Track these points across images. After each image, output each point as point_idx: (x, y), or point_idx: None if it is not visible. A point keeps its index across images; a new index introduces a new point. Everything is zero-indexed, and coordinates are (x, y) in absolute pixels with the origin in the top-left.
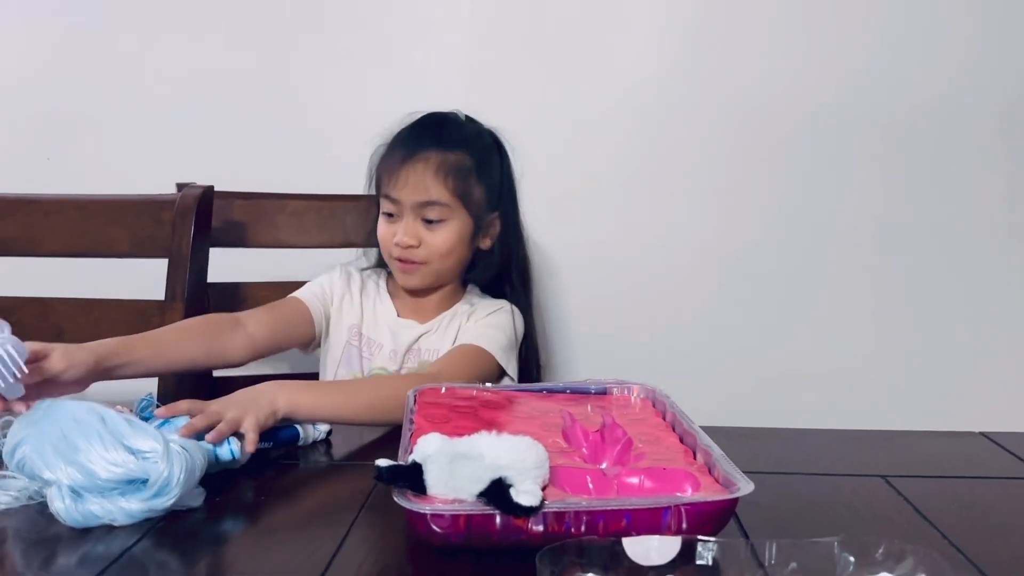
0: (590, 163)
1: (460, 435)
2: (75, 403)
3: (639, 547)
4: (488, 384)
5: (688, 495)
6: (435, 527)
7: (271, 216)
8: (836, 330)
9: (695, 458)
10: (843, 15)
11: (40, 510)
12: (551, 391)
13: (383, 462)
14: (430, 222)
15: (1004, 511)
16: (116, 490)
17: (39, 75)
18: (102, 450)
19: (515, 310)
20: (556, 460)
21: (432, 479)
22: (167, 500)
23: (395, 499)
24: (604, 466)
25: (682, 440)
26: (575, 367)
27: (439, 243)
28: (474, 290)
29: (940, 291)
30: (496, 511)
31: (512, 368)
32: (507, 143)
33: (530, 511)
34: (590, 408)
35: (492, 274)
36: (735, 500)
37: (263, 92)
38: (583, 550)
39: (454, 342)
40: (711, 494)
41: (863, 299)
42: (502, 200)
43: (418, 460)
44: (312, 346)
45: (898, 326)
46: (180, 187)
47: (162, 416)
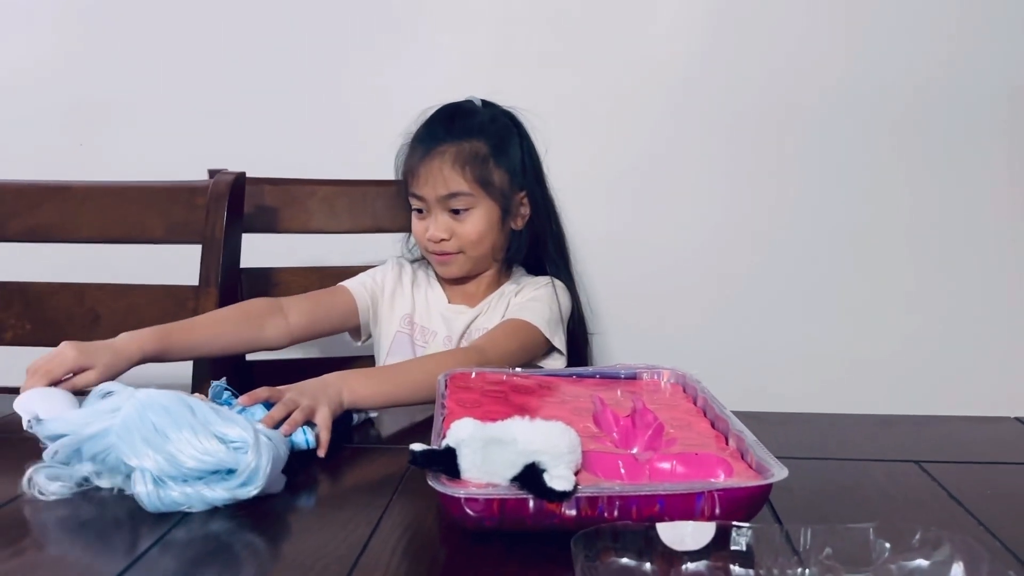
0: (615, 149)
1: (492, 419)
2: (161, 393)
3: (673, 532)
4: (518, 368)
5: (722, 480)
6: (469, 511)
7: (302, 201)
8: (869, 315)
9: (727, 443)
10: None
11: (117, 496)
12: (581, 376)
13: (417, 446)
14: (457, 212)
15: None
16: (201, 478)
17: (72, 64)
18: (192, 438)
19: (558, 283)
20: (587, 445)
21: (466, 463)
22: (253, 489)
23: (429, 483)
24: (635, 451)
25: (713, 425)
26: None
27: (469, 231)
28: (519, 270)
29: (974, 276)
30: (530, 496)
31: (559, 340)
32: (526, 121)
33: (563, 496)
34: (620, 393)
35: (525, 252)
36: (769, 486)
37: (293, 79)
38: (617, 535)
39: (503, 318)
40: (745, 480)
41: (896, 284)
42: (526, 179)
43: (452, 445)
44: (363, 337)
45: (932, 311)
46: (212, 173)
47: (244, 404)
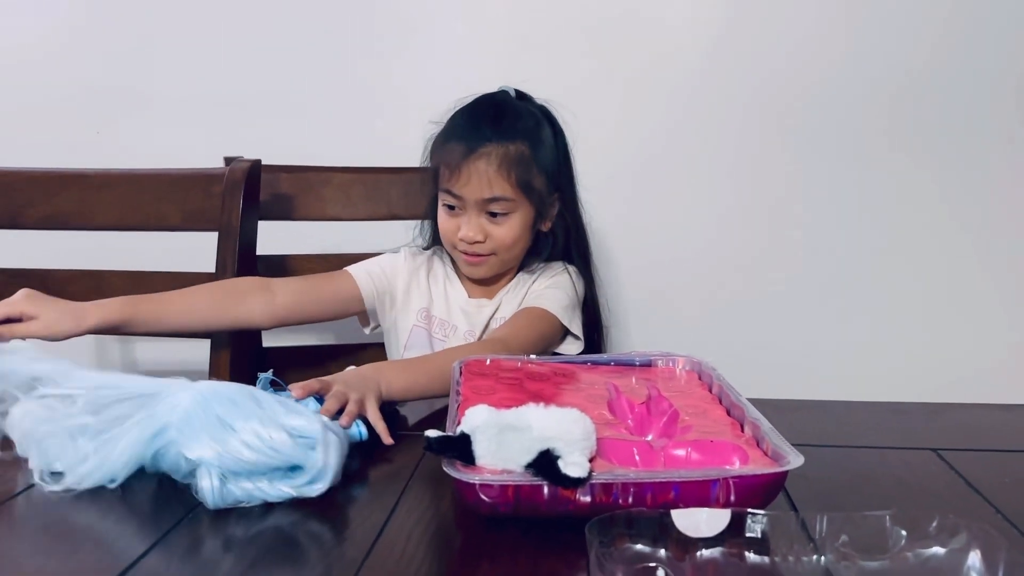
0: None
1: (506, 406)
2: (225, 384)
3: (688, 519)
4: (532, 356)
5: (737, 468)
6: (484, 497)
7: (317, 189)
8: (886, 303)
9: (743, 431)
10: None
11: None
12: (596, 363)
13: (432, 433)
14: (494, 215)
15: None
16: (265, 473)
17: (90, 52)
18: (261, 429)
19: (572, 269)
20: (602, 432)
21: (481, 450)
22: (322, 487)
23: (444, 469)
24: (650, 438)
25: (729, 413)
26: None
27: (504, 235)
28: (534, 258)
29: (990, 262)
30: (544, 482)
31: (576, 327)
32: (559, 116)
33: (578, 482)
34: (635, 380)
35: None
36: (785, 473)
37: (309, 67)
38: (632, 521)
39: (521, 307)
40: (760, 467)
41: (912, 272)
42: (560, 180)
43: (466, 431)
44: (372, 325)
45: (949, 297)
46: (228, 161)
47: (298, 396)
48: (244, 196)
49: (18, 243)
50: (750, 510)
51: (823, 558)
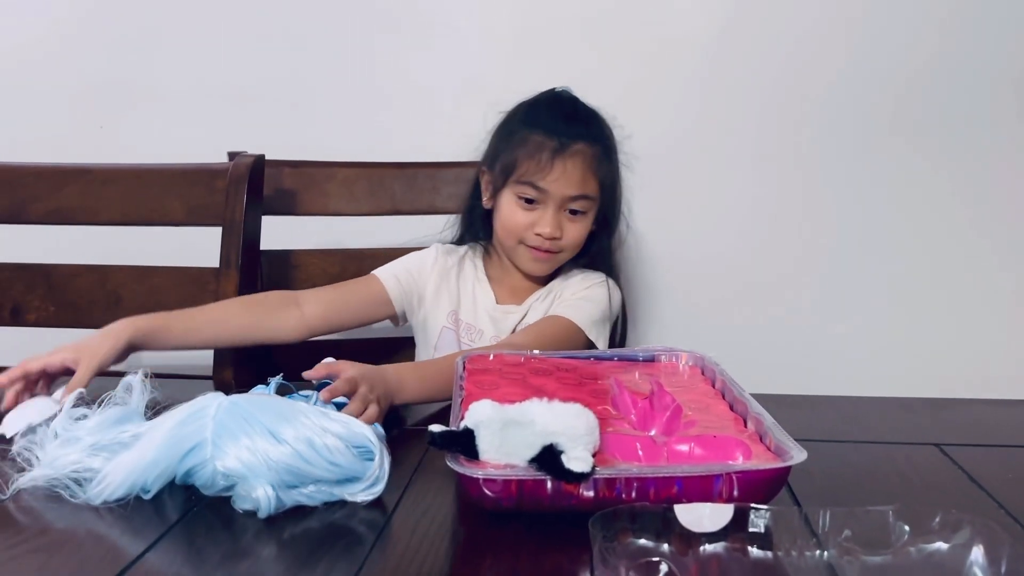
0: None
1: (510, 401)
2: (268, 399)
3: (691, 514)
4: (536, 351)
5: (740, 463)
6: (487, 491)
7: (321, 184)
8: (890, 298)
9: (746, 426)
10: None
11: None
12: (599, 358)
13: (436, 427)
14: (574, 213)
15: None
16: (315, 481)
17: (92, 46)
18: (316, 439)
19: (612, 284)
20: (605, 427)
21: (484, 444)
22: (376, 493)
23: (448, 463)
24: (653, 433)
25: (732, 408)
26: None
27: (577, 234)
28: (569, 264)
29: (995, 258)
30: (548, 477)
31: (602, 343)
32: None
33: (582, 477)
34: (638, 375)
35: (598, 256)
36: (788, 469)
37: (313, 62)
38: (635, 516)
39: (549, 313)
40: (763, 462)
41: (918, 267)
42: (615, 187)
43: (470, 426)
44: (402, 323)
45: (952, 293)
46: (232, 156)
47: (325, 400)
48: (248, 191)
49: (22, 238)
50: (753, 505)
51: (826, 553)
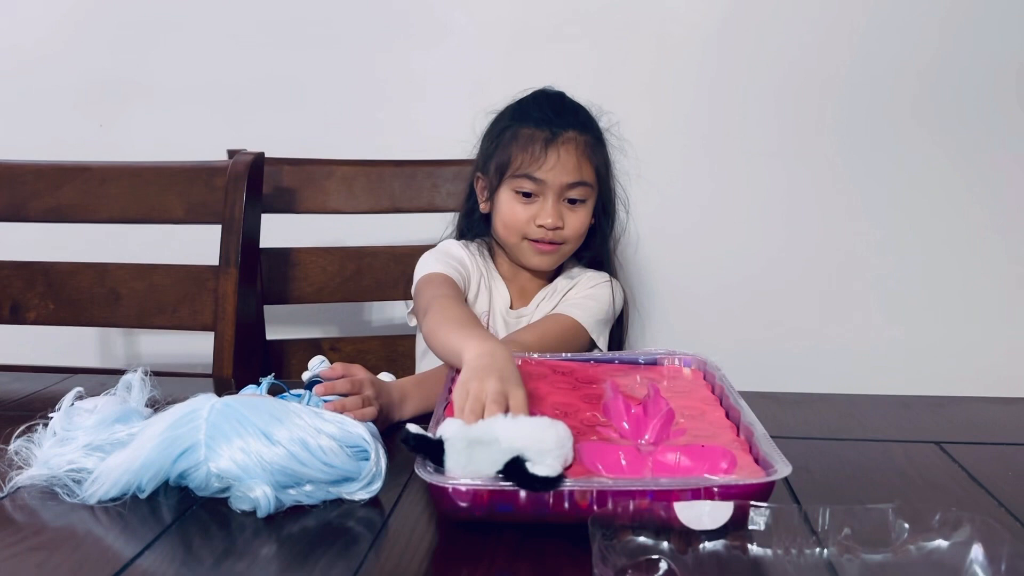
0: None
1: None
2: (260, 400)
3: (691, 511)
4: (535, 354)
5: (719, 478)
6: (458, 502)
7: (320, 182)
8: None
9: (739, 434)
10: None
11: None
12: (599, 361)
13: (413, 428)
14: (572, 203)
15: None
16: (311, 481)
17: (92, 44)
18: (310, 440)
19: (616, 283)
20: (589, 435)
21: (451, 463)
22: (373, 491)
23: (418, 472)
24: (643, 441)
25: (728, 415)
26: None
27: (578, 224)
28: (572, 262)
29: (994, 256)
30: (514, 487)
31: (603, 342)
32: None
33: (548, 483)
34: (639, 379)
35: (600, 249)
36: (770, 484)
37: (311, 60)
38: (635, 514)
39: (554, 311)
40: (743, 476)
41: (916, 266)
42: (609, 176)
43: (443, 437)
44: None
45: (952, 291)
46: (231, 154)
47: (320, 395)
48: (247, 189)
49: (22, 236)
50: (753, 502)
51: (826, 551)
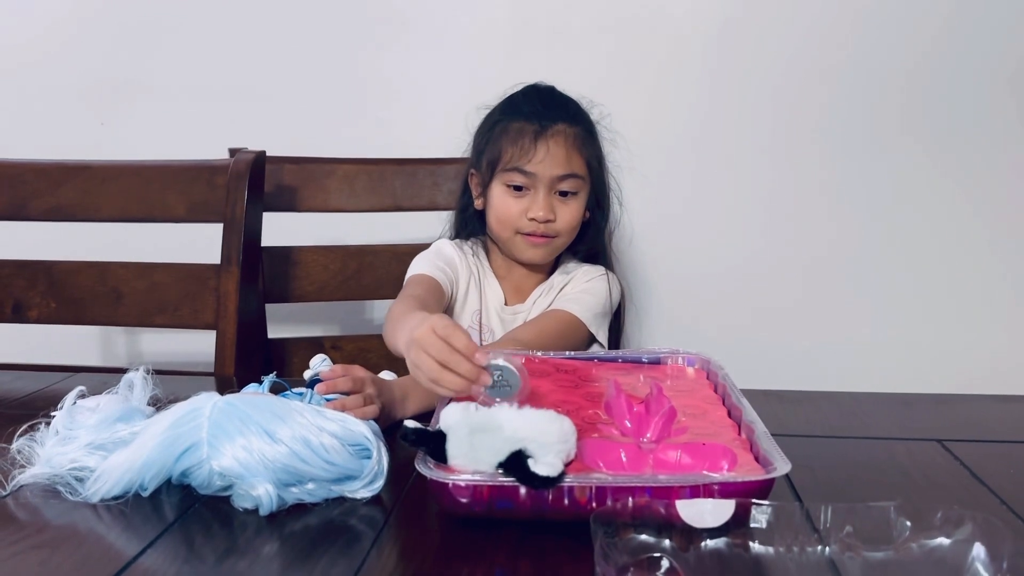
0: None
1: None
2: (262, 398)
3: (693, 509)
4: (538, 352)
5: (719, 475)
6: (458, 497)
7: (321, 180)
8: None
9: (740, 433)
10: None
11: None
12: (603, 360)
13: (411, 423)
14: (564, 195)
15: None
16: (313, 479)
17: (93, 43)
18: (312, 438)
19: (612, 277)
20: (591, 433)
21: (454, 450)
22: (375, 489)
23: (418, 468)
24: (645, 439)
25: (730, 414)
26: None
27: (570, 217)
28: (567, 257)
29: (996, 254)
30: (515, 482)
31: (603, 336)
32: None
33: (548, 482)
34: (642, 378)
35: (595, 243)
36: (770, 482)
37: (312, 58)
38: (637, 512)
39: (551, 307)
40: (742, 474)
41: (920, 264)
42: (602, 169)
43: (443, 429)
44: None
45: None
46: (232, 152)
47: (322, 393)
48: (248, 187)
49: (23, 235)
50: (754, 500)
51: (827, 549)
